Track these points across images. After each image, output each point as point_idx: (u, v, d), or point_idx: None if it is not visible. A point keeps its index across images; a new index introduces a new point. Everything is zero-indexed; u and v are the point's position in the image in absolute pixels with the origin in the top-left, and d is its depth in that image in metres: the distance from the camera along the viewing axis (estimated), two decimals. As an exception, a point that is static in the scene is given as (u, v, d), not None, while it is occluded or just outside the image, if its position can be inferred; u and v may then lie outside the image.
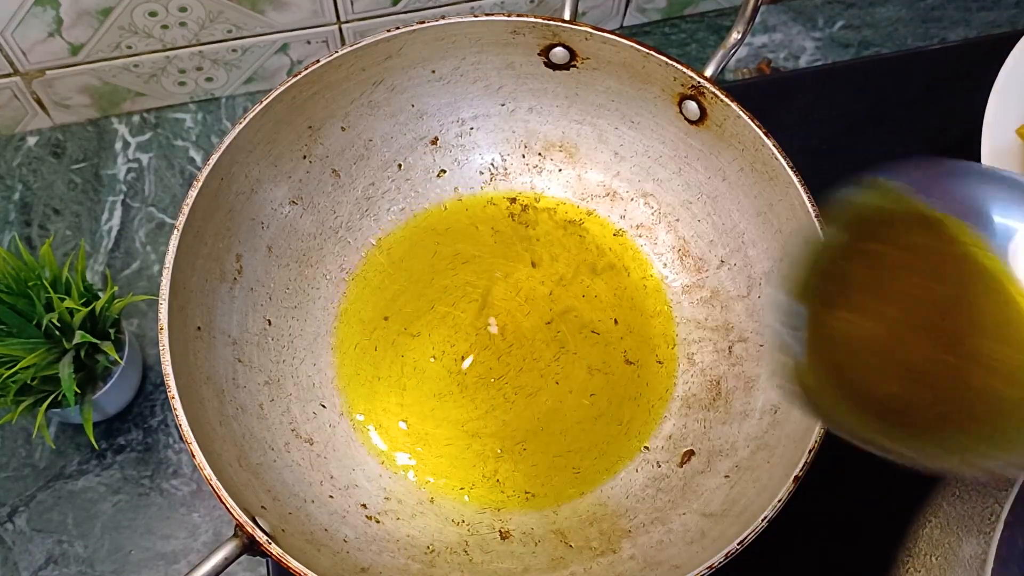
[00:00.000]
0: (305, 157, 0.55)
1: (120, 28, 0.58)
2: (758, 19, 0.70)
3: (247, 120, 0.50)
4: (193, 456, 0.42)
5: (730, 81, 0.68)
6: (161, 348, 0.44)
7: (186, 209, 0.47)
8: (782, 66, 0.69)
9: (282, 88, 0.51)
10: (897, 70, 0.67)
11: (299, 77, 0.51)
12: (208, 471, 0.41)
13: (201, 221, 0.49)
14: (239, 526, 0.41)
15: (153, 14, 0.57)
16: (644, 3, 0.68)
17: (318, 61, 0.51)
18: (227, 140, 0.49)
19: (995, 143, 0.52)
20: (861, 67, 0.67)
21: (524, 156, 0.60)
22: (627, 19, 0.70)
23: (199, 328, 0.49)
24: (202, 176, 0.48)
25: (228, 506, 0.41)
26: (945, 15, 0.70)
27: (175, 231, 0.47)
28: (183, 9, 0.57)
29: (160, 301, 0.45)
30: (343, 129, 0.56)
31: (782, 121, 0.49)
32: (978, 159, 0.52)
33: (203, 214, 0.49)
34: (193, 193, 0.48)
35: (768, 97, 0.56)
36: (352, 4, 0.61)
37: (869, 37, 0.69)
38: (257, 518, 0.42)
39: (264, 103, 0.50)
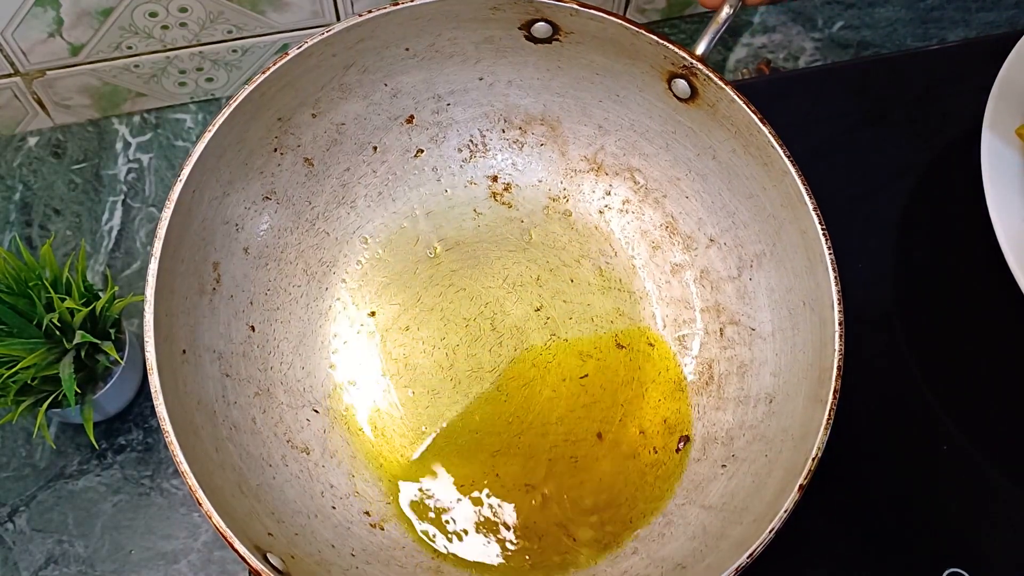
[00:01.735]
0: (276, 150, 0.52)
1: (120, 28, 0.57)
2: (757, 19, 0.67)
3: (215, 128, 0.46)
4: (200, 504, 0.41)
5: (730, 81, 0.66)
6: (153, 392, 0.42)
7: (161, 233, 0.45)
8: (782, 66, 0.68)
9: (251, 88, 0.47)
10: (897, 70, 0.66)
11: (267, 75, 0.47)
12: (217, 519, 0.41)
13: (176, 240, 0.46)
14: (253, 573, 0.41)
15: (153, 15, 0.56)
16: (644, 3, 0.66)
17: (287, 55, 0.48)
18: (195, 154, 0.46)
19: (995, 143, 0.52)
20: (861, 67, 0.66)
21: (504, 131, 0.57)
22: None
23: (184, 352, 0.47)
24: (173, 196, 0.45)
25: (242, 555, 0.40)
26: (944, 15, 0.69)
27: (152, 259, 0.44)
28: (183, 10, 0.57)
29: (146, 340, 0.43)
30: (314, 116, 0.52)
31: (782, 121, 0.48)
32: (978, 159, 0.52)
33: (178, 232, 0.46)
34: (167, 213, 0.45)
35: (768, 97, 0.54)
36: (352, 4, 0.60)
37: (869, 37, 0.68)
38: (268, 554, 0.42)
39: (232, 107, 0.47)
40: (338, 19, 0.60)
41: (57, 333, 0.49)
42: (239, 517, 0.43)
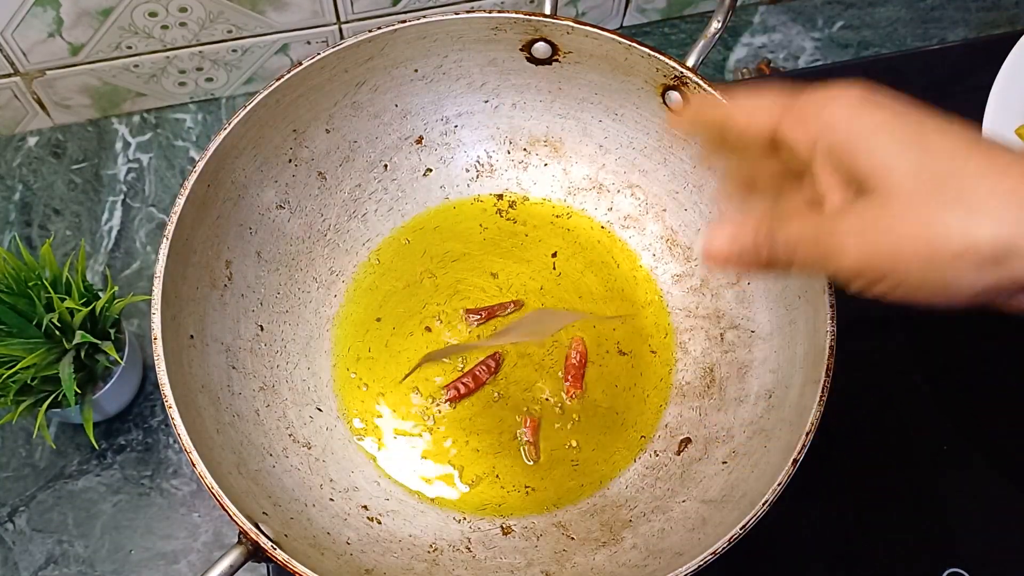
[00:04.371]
0: (291, 161, 0.55)
1: (120, 28, 0.58)
2: (757, 19, 0.69)
3: (231, 126, 0.50)
4: (194, 465, 0.42)
5: (730, 82, 0.67)
6: (156, 358, 0.44)
7: (174, 218, 0.47)
8: (782, 66, 0.68)
9: (265, 92, 0.51)
10: (897, 70, 0.66)
11: (281, 81, 0.51)
12: (210, 479, 0.41)
13: (190, 229, 0.48)
14: (243, 533, 0.41)
15: (153, 14, 0.57)
16: (644, 3, 0.68)
17: (300, 64, 0.51)
18: (212, 147, 0.49)
19: (995, 143, 0.52)
20: (861, 67, 0.67)
21: (509, 152, 0.60)
22: (627, 19, 0.69)
23: (192, 336, 0.48)
24: (189, 184, 0.48)
25: (231, 513, 0.41)
26: (945, 15, 0.70)
27: (164, 240, 0.47)
28: (183, 9, 0.57)
29: (152, 312, 0.45)
30: (327, 131, 0.56)
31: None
32: None
33: (192, 222, 0.49)
34: (181, 201, 0.48)
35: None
36: (352, 4, 0.61)
37: (869, 37, 0.69)
38: (260, 524, 0.42)
39: (248, 108, 0.50)
40: (338, 19, 0.62)
41: (57, 333, 0.49)
42: (235, 493, 0.43)
